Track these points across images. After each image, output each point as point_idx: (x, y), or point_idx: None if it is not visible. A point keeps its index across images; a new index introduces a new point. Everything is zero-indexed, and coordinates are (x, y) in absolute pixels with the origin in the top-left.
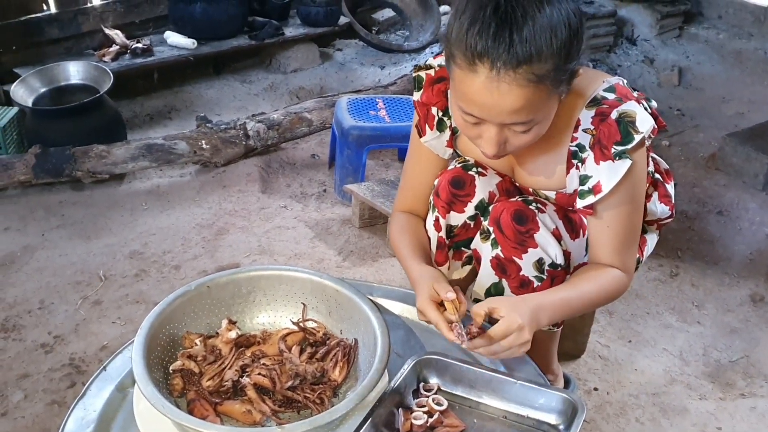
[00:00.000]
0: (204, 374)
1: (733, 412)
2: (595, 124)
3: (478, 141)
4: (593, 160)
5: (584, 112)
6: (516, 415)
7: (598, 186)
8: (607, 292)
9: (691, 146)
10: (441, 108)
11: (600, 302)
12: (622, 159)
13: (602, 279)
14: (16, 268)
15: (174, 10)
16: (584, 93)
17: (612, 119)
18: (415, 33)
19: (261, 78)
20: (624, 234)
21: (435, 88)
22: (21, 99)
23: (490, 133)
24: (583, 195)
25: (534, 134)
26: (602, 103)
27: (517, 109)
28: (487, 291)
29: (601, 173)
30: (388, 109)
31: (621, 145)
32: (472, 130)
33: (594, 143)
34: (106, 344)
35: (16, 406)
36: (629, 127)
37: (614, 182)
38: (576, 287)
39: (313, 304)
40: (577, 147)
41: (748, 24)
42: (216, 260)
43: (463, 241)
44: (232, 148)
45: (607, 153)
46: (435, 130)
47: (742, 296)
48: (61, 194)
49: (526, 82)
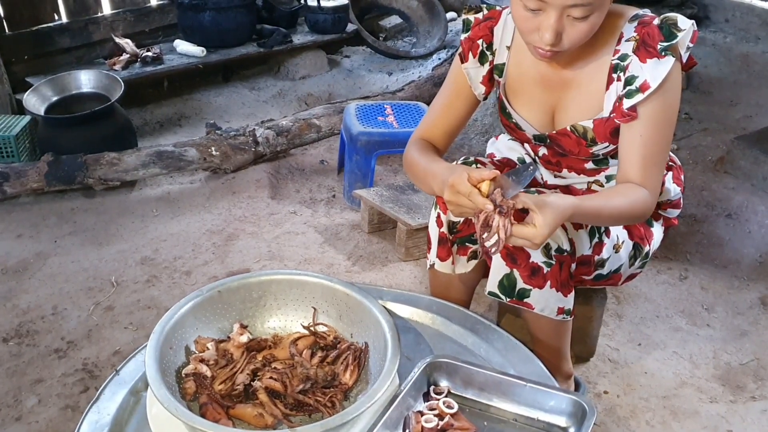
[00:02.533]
0: (216, 378)
1: (744, 415)
2: (638, 31)
3: (535, 36)
4: (638, 61)
5: (627, 26)
6: (526, 418)
7: (646, 84)
8: (634, 208)
9: (700, 150)
10: (486, 41)
11: (626, 218)
12: (667, 56)
13: (632, 196)
14: (29, 274)
15: (183, 19)
16: (625, 13)
17: (654, 24)
18: (422, 39)
19: (270, 85)
20: (653, 145)
21: (482, 25)
22: (33, 107)
23: (549, 19)
24: (630, 94)
25: (590, 25)
26: (644, 17)
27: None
28: (499, 283)
29: (646, 71)
30: (396, 115)
31: (666, 42)
32: (530, 22)
33: (638, 46)
34: (119, 349)
35: (30, 411)
36: (672, 28)
37: (661, 78)
38: (608, 199)
39: (324, 308)
40: (619, 59)
41: (755, 27)
42: (226, 266)
43: (467, 236)
44: (242, 154)
45: (652, 51)
46: (476, 60)
47: (752, 299)
48: (73, 201)
49: None
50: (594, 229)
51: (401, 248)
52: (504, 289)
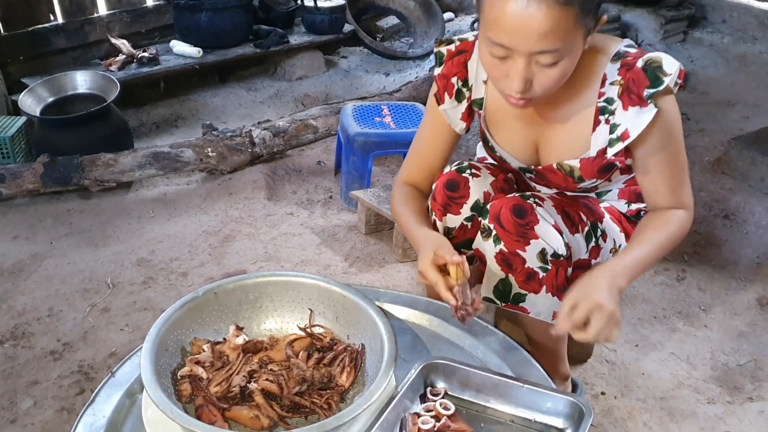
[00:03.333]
0: (212, 380)
1: (742, 416)
2: (622, 74)
3: (504, 83)
4: (622, 108)
5: (609, 66)
6: (523, 419)
7: (626, 133)
8: (675, 235)
9: (697, 150)
10: (461, 78)
11: (671, 248)
12: (650, 104)
13: (669, 225)
14: (24, 276)
15: (179, 20)
16: (607, 50)
17: (638, 67)
18: (419, 40)
19: (266, 86)
20: (674, 174)
21: (455, 60)
22: (29, 108)
23: (517, 66)
24: (612, 143)
25: (560, 71)
26: (626, 56)
27: (545, 32)
28: (495, 288)
29: (628, 119)
30: (393, 116)
31: (651, 89)
32: (499, 69)
33: (622, 92)
34: (115, 351)
35: (25, 413)
36: (657, 72)
37: (641, 128)
38: (646, 241)
39: (320, 310)
40: (606, 101)
41: (753, 28)
42: (223, 267)
43: (462, 242)
44: (238, 155)
45: (635, 99)
46: (453, 99)
47: (750, 300)
48: (69, 203)
49: (555, 2)
50: (590, 233)
51: (398, 249)
52: (499, 293)
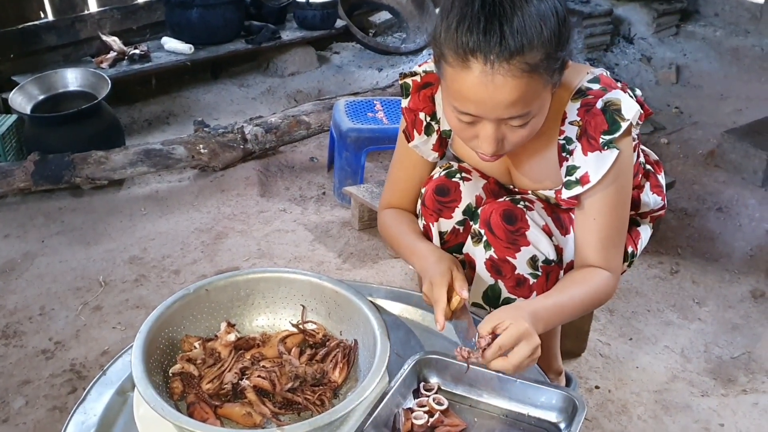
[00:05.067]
0: (203, 377)
1: (736, 408)
2: (581, 115)
3: (475, 142)
4: (581, 151)
5: (570, 104)
6: (517, 414)
7: (586, 177)
8: (597, 294)
9: (690, 143)
10: (428, 113)
11: (591, 306)
12: (609, 149)
13: (591, 282)
14: (16, 274)
15: (171, 16)
16: (569, 86)
17: (597, 109)
18: (412, 35)
19: (258, 82)
20: (610, 228)
21: (421, 94)
22: (19, 106)
23: (486, 131)
24: (569, 185)
25: (530, 128)
26: (587, 94)
27: (513, 101)
28: (484, 294)
29: (589, 164)
30: (385, 111)
31: (608, 134)
32: (467, 131)
33: (581, 134)
34: (107, 349)
35: (17, 413)
36: (615, 116)
37: (602, 173)
38: (566, 292)
39: (312, 306)
40: (565, 140)
41: (745, 21)
42: (215, 264)
43: (454, 246)
44: (231, 152)
45: (594, 143)
46: (423, 135)
47: (743, 292)
48: (60, 201)
49: (520, 72)
50: None
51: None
52: (488, 299)
